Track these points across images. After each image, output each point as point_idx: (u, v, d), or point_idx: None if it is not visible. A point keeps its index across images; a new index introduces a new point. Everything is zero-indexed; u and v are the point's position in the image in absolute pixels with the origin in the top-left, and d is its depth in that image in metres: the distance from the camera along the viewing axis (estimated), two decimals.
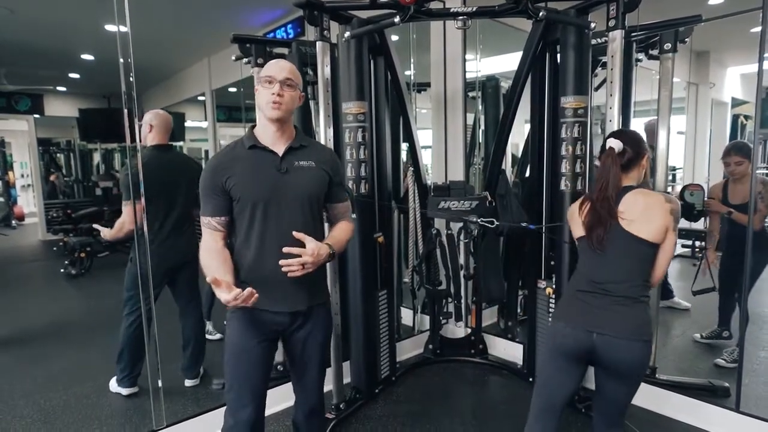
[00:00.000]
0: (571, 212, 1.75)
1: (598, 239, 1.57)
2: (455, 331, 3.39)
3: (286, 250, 1.43)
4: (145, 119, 2.61)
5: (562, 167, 2.45)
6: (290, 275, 1.44)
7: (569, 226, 1.78)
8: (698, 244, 3.32)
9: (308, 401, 1.73)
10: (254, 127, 1.60)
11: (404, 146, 3.56)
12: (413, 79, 3.61)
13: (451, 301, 3.05)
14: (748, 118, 6.61)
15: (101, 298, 4.67)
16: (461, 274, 3.01)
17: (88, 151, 9.74)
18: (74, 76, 7.60)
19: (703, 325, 3.42)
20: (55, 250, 6.73)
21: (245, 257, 1.54)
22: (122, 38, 2.04)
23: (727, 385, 2.56)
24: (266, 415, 1.68)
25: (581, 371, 1.62)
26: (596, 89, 2.81)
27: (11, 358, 3.42)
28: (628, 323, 1.51)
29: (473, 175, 3.85)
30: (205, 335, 2.95)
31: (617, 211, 1.56)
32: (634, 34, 2.61)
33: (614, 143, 1.60)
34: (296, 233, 1.46)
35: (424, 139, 3.35)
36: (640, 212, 1.55)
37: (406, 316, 3.56)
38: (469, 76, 3.39)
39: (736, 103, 6.70)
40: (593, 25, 2.24)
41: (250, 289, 1.37)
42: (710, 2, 3.71)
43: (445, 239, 2.97)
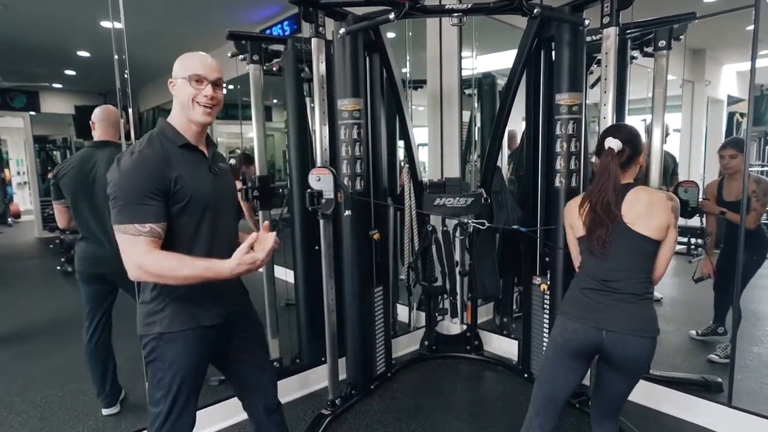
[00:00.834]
0: (569, 211, 1.74)
1: (599, 241, 1.57)
2: (451, 327, 3.40)
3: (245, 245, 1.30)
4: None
5: (556, 164, 2.47)
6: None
7: (565, 223, 1.77)
8: (693, 241, 3.35)
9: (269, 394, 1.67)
10: (165, 120, 1.44)
11: (400, 144, 3.57)
12: (409, 76, 3.61)
13: (446, 297, 3.06)
14: (744, 115, 6.62)
15: None
16: (457, 270, 3.02)
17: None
18: (70, 72, 7.57)
19: (697, 321, 3.44)
20: (51, 247, 6.71)
21: None
22: (117, 35, 2.04)
23: (719, 380, 2.58)
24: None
25: (586, 367, 1.64)
26: (592, 86, 2.82)
27: (7, 354, 3.42)
28: (635, 320, 1.53)
29: (469, 172, 3.86)
30: None
31: (619, 210, 1.57)
32: (628, 31, 2.62)
33: (614, 143, 1.60)
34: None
35: (420, 136, 3.35)
36: (642, 210, 1.56)
37: (401, 312, 3.57)
38: (465, 73, 3.40)
39: (732, 100, 6.71)
40: (587, 22, 2.25)
41: (254, 235, 1.31)
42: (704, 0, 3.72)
43: (440, 236, 2.98)
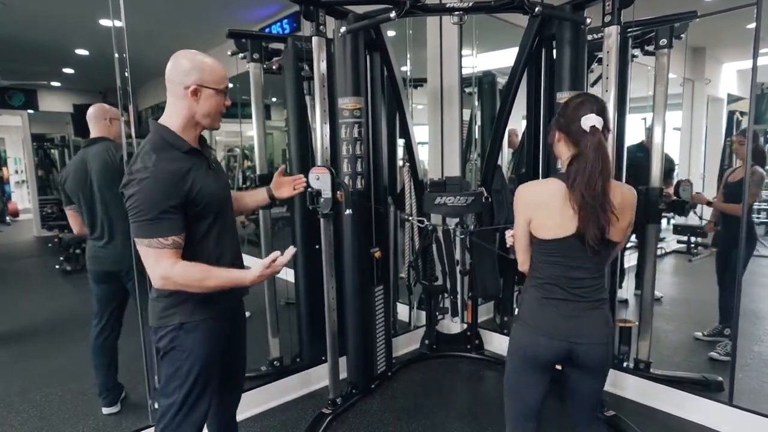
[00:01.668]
0: (533, 199, 1.47)
1: (594, 239, 1.35)
2: (451, 326, 3.40)
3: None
4: None
5: (558, 163, 2.45)
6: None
7: (520, 216, 1.49)
8: (693, 240, 3.36)
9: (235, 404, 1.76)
10: (158, 122, 1.42)
11: (400, 142, 3.56)
12: (409, 74, 3.61)
13: (447, 296, 3.06)
14: (744, 114, 6.63)
15: None
16: (457, 269, 3.01)
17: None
18: (68, 71, 7.56)
19: (696, 320, 3.45)
20: (50, 246, 6.70)
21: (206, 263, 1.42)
22: (117, 33, 2.03)
23: (720, 379, 2.58)
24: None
25: (553, 373, 1.55)
26: (592, 85, 2.81)
27: (7, 354, 3.42)
28: (603, 326, 1.46)
29: (469, 170, 3.86)
30: None
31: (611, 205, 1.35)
32: (629, 30, 2.61)
33: (596, 120, 1.35)
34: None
35: (420, 135, 3.35)
36: (617, 208, 1.38)
37: (402, 311, 3.57)
38: (465, 71, 3.39)
39: (732, 99, 6.71)
40: (589, 20, 2.24)
41: (276, 253, 1.39)
42: None
43: (441, 235, 2.97)
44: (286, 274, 3.22)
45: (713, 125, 6.42)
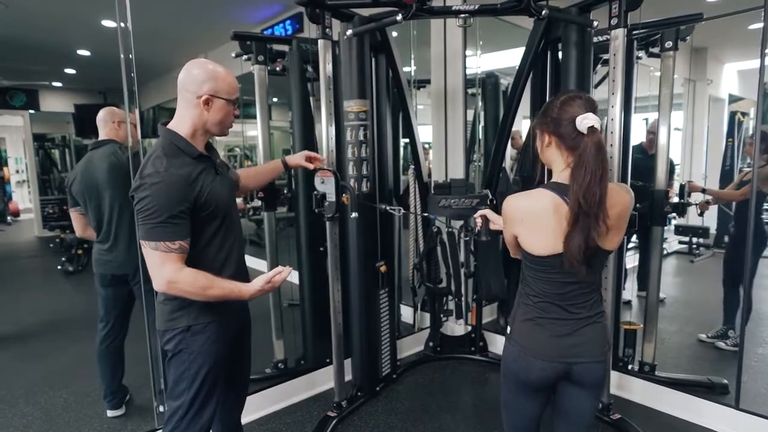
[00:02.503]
0: (522, 217, 1.34)
1: (578, 251, 1.22)
2: (455, 328, 3.40)
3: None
4: None
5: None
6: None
7: (507, 232, 1.41)
8: (695, 240, 3.36)
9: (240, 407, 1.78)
10: (168, 128, 1.42)
11: (403, 142, 3.56)
12: (414, 75, 3.60)
13: (451, 298, 3.05)
14: (745, 114, 6.63)
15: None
16: (462, 271, 3.01)
17: (83, 146, 9.66)
18: (70, 71, 7.55)
19: (699, 321, 3.45)
20: (51, 246, 6.70)
21: (211, 269, 1.42)
22: (123, 34, 2.03)
23: (725, 381, 2.58)
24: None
25: (551, 391, 1.47)
26: (596, 86, 2.81)
27: (10, 355, 3.42)
28: (600, 343, 1.38)
29: (473, 172, 3.85)
30: None
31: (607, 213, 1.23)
32: (635, 32, 2.60)
33: (595, 120, 1.23)
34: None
35: (423, 135, 3.34)
36: (615, 216, 1.27)
37: (406, 313, 3.57)
38: (469, 72, 3.38)
39: (733, 99, 6.71)
40: (596, 23, 2.23)
41: (279, 268, 1.48)
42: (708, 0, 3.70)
43: (445, 237, 2.97)
44: (290, 275, 3.22)
45: (714, 125, 6.42)
